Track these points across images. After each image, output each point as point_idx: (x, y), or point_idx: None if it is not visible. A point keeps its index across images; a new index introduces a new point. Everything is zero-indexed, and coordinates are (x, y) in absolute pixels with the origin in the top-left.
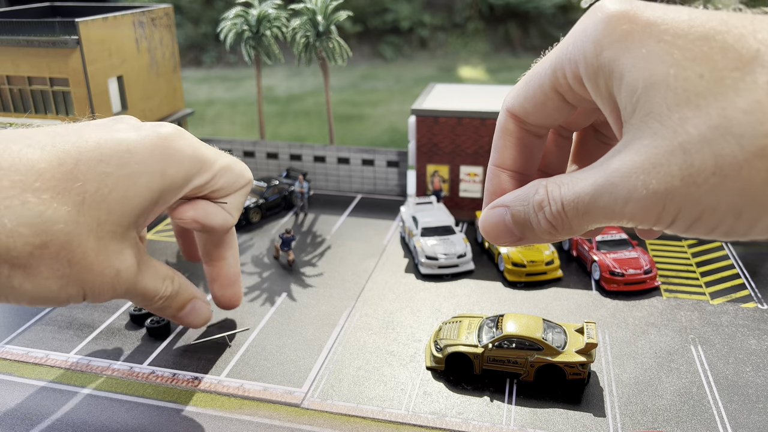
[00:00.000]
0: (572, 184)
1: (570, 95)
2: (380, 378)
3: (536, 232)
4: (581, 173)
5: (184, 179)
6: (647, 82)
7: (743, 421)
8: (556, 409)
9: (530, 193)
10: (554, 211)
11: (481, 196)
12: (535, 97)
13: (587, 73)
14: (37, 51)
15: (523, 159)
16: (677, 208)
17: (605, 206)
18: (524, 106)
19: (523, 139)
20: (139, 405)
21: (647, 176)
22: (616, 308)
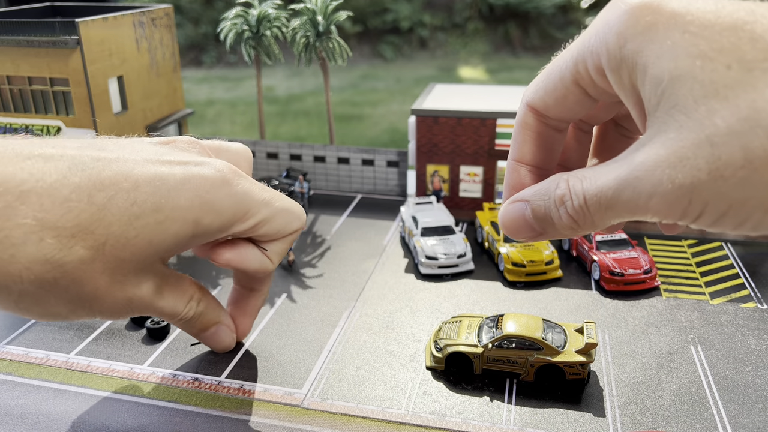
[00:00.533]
0: (595, 178)
1: (592, 88)
2: (380, 378)
3: (557, 227)
4: (604, 167)
5: (220, 228)
6: (672, 74)
7: (743, 421)
8: (556, 409)
9: (551, 187)
10: (576, 205)
11: (480, 196)
12: (555, 90)
13: (610, 66)
14: (37, 51)
15: (543, 153)
16: (704, 203)
17: (629, 200)
18: (544, 100)
19: (542, 134)
20: (140, 405)
21: (673, 170)
22: (616, 308)
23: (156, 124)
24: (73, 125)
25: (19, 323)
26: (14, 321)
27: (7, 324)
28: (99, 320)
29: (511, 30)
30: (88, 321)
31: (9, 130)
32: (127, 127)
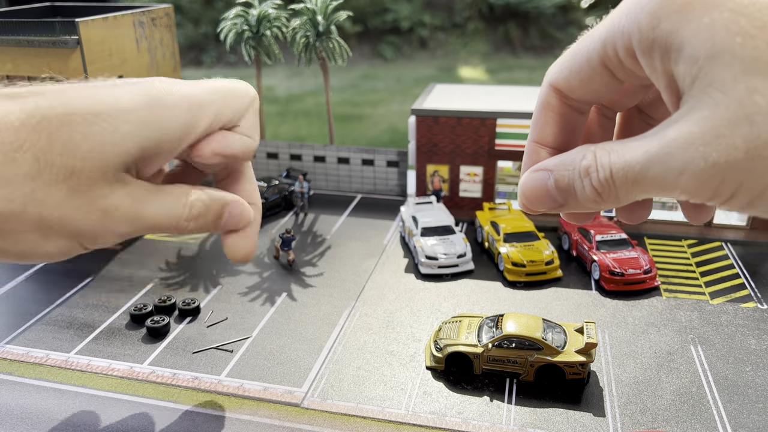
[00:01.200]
0: (623, 151)
1: (620, 70)
2: (380, 378)
3: (579, 199)
4: (633, 141)
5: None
6: (710, 52)
7: (743, 420)
8: (556, 409)
9: (577, 158)
10: (602, 178)
11: (480, 196)
12: (581, 71)
13: (641, 47)
14: (37, 51)
15: (564, 135)
16: (738, 182)
17: (657, 176)
18: (569, 81)
19: (565, 115)
20: (140, 404)
21: (707, 147)
22: (616, 308)
23: None
24: None
25: (20, 323)
26: (15, 320)
27: (7, 323)
28: (98, 319)
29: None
30: (88, 320)
31: None
32: None
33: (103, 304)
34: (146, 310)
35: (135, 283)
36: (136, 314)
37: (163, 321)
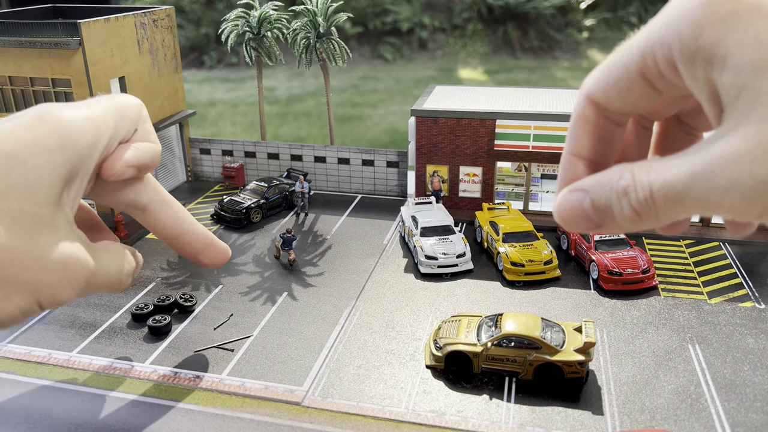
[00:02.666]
0: (663, 169)
1: (660, 81)
2: (380, 376)
3: (617, 219)
4: (673, 158)
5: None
6: (757, 64)
7: (741, 419)
8: (555, 408)
9: (614, 177)
10: (641, 197)
11: (480, 196)
12: (619, 82)
13: (683, 58)
14: (39, 52)
15: (602, 148)
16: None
17: (700, 195)
18: (606, 92)
19: (602, 127)
20: (141, 403)
21: (755, 165)
22: (614, 307)
23: (157, 124)
24: None
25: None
26: None
27: None
28: (100, 318)
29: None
30: (90, 319)
31: None
32: None
33: (105, 304)
34: (147, 310)
35: (136, 283)
36: (137, 313)
37: (164, 320)
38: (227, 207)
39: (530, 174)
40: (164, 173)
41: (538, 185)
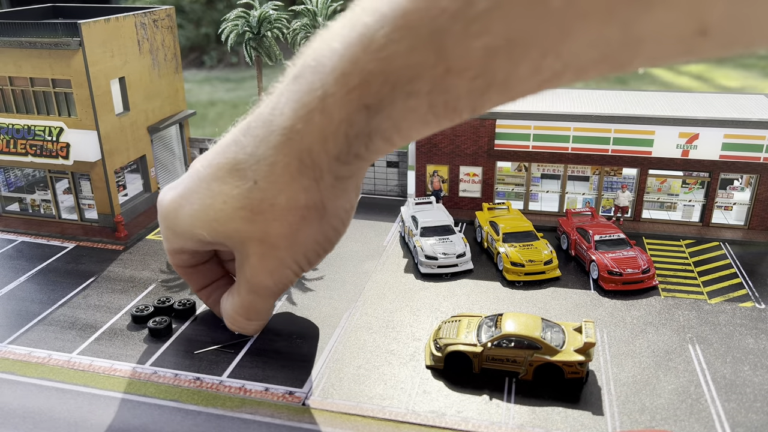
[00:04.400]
0: (233, 298)
1: (199, 255)
2: (380, 377)
3: (245, 325)
4: (236, 287)
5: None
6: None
7: (741, 419)
8: (555, 408)
9: (224, 311)
10: (226, 317)
11: (480, 196)
12: (192, 278)
13: (192, 240)
14: (39, 52)
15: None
16: None
17: (261, 305)
18: (177, 262)
19: (200, 278)
20: (142, 404)
21: (257, 280)
22: (614, 307)
23: (158, 124)
24: (75, 126)
25: (22, 323)
26: (17, 321)
27: (9, 324)
28: (100, 319)
29: None
30: (90, 320)
31: (11, 130)
32: (128, 128)
33: (105, 305)
34: (148, 311)
35: (137, 284)
36: (137, 315)
37: (165, 322)
38: None
39: (530, 174)
40: (164, 173)
41: (538, 185)
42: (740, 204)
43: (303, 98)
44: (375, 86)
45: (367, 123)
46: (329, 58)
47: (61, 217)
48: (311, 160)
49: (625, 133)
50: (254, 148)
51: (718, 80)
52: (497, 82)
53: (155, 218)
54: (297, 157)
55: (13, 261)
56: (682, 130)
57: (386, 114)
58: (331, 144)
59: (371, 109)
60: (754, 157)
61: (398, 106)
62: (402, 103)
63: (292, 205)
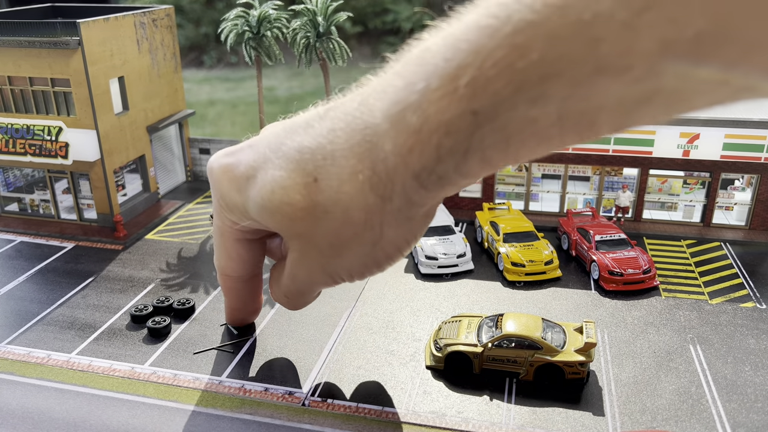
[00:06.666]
0: (279, 282)
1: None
2: (380, 377)
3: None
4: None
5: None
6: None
7: (742, 420)
8: (556, 408)
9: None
10: (281, 301)
11: (480, 196)
12: (232, 259)
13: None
14: (38, 52)
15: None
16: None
17: (294, 288)
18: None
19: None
20: (141, 404)
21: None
22: (615, 308)
23: (157, 124)
24: (75, 126)
25: (21, 323)
26: (16, 321)
27: (8, 324)
28: (99, 319)
29: None
30: (90, 320)
31: (10, 130)
32: (128, 128)
33: (104, 305)
34: (147, 311)
35: (136, 283)
36: (137, 315)
37: (164, 322)
38: None
39: (531, 174)
40: (164, 173)
41: (539, 185)
42: (741, 204)
43: (399, 94)
44: (495, 85)
45: (470, 134)
46: (443, 46)
47: (60, 216)
48: (386, 172)
49: (625, 133)
50: (326, 140)
51: None
52: (667, 90)
53: (154, 218)
54: (371, 166)
55: (12, 261)
56: (682, 129)
57: (498, 124)
58: (416, 156)
59: (480, 116)
60: (755, 157)
61: (517, 115)
62: (524, 110)
63: (347, 219)
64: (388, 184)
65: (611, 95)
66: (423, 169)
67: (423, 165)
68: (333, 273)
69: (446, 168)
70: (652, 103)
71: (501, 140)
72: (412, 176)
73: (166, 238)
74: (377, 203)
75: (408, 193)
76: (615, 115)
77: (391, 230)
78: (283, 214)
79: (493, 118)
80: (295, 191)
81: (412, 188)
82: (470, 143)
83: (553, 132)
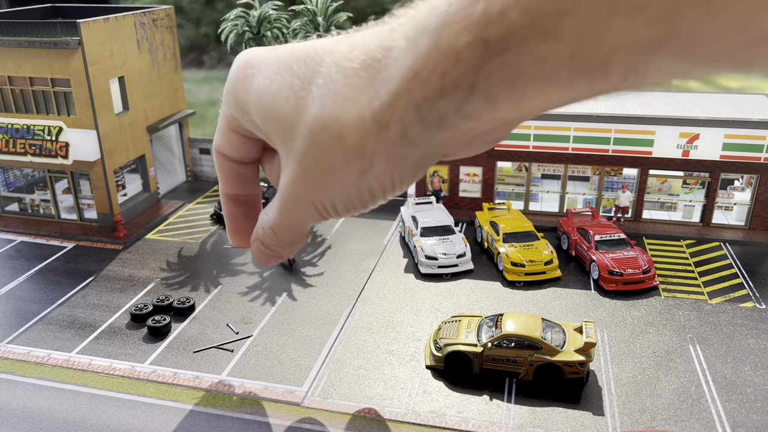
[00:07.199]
0: (269, 210)
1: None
2: (380, 377)
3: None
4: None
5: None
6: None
7: (741, 420)
8: (555, 408)
9: (258, 225)
10: (268, 233)
11: (480, 196)
12: (223, 135)
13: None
14: (38, 52)
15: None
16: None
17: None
18: (221, 144)
19: (235, 170)
20: (141, 404)
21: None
22: (615, 308)
23: (157, 124)
24: (75, 126)
25: (21, 322)
26: (16, 320)
27: (8, 323)
28: (99, 318)
29: None
30: (89, 319)
31: (10, 130)
32: (128, 128)
33: (104, 304)
34: (147, 310)
35: (136, 283)
36: (136, 314)
37: (164, 321)
38: None
39: (530, 174)
40: (164, 173)
41: (539, 185)
42: (741, 204)
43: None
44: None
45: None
46: None
47: (60, 216)
48: (388, 97)
49: (625, 133)
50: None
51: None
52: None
53: (154, 217)
54: (377, 88)
55: (13, 261)
56: (682, 130)
57: (508, 59)
58: (420, 83)
59: (490, 47)
60: (755, 157)
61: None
62: (535, 45)
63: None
64: (388, 110)
65: (625, 35)
66: (424, 100)
67: (425, 95)
68: (317, 202)
69: (447, 106)
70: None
71: (508, 78)
72: (413, 106)
73: (166, 237)
74: (373, 129)
75: (406, 124)
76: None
77: (381, 163)
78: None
79: (504, 50)
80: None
81: (411, 121)
82: (477, 77)
83: (563, 74)
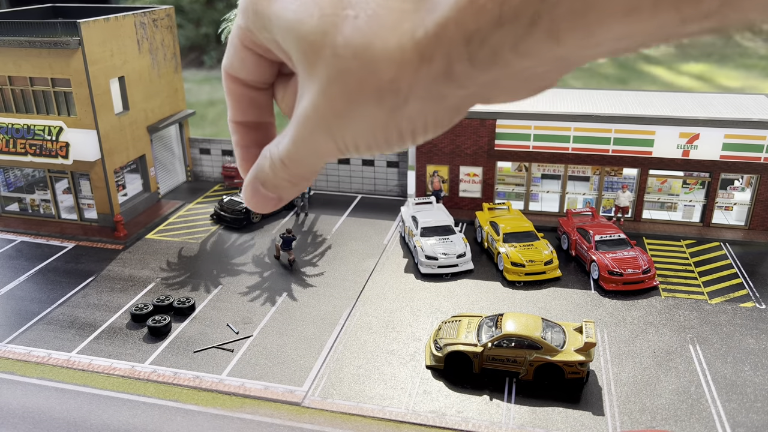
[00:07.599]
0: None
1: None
2: (380, 377)
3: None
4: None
5: None
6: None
7: (741, 419)
8: (555, 408)
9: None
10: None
11: (480, 196)
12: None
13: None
14: (39, 52)
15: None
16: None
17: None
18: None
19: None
20: (141, 404)
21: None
22: (615, 308)
23: (157, 124)
24: (75, 126)
25: (21, 322)
26: (16, 320)
27: (9, 323)
28: (99, 318)
29: None
30: (90, 319)
31: (11, 130)
32: (128, 128)
33: (105, 304)
34: (147, 310)
35: (136, 282)
36: (137, 314)
37: (164, 320)
38: (227, 207)
39: (530, 174)
40: (164, 173)
41: (539, 185)
42: (741, 204)
43: None
44: None
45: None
46: None
47: (60, 216)
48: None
49: (625, 134)
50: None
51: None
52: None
53: (155, 217)
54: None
55: (13, 261)
56: (682, 130)
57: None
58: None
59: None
60: (755, 157)
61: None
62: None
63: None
64: (433, 41)
65: None
66: (477, 32)
67: (479, 26)
68: (337, 136)
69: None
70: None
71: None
72: (464, 39)
73: (167, 237)
74: (413, 62)
75: (452, 59)
76: None
77: (417, 102)
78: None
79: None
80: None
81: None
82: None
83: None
